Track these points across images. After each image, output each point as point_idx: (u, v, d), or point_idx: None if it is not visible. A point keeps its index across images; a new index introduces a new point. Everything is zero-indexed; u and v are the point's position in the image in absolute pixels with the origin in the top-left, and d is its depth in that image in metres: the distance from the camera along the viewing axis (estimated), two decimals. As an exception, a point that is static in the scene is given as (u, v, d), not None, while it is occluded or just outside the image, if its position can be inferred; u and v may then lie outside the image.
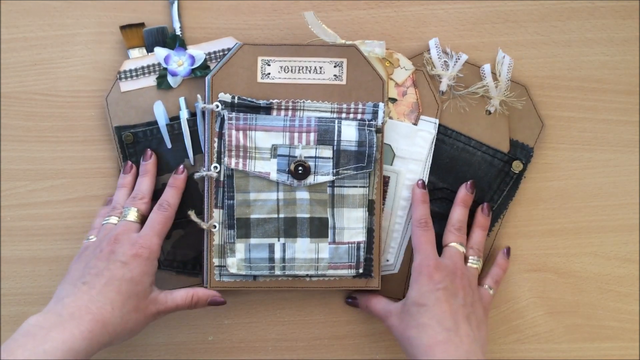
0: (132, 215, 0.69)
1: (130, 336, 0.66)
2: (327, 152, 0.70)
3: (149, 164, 0.73)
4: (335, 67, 0.71)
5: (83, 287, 0.65)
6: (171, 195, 0.71)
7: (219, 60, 0.73)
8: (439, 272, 0.68)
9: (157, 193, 0.73)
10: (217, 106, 0.70)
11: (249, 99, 0.70)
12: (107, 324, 0.63)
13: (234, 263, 0.71)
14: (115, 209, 0.71)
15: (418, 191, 0.73)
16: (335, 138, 0.70)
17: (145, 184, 0.72)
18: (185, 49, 0.73)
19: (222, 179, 0.71)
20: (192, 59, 0.73)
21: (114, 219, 0.70)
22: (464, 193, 0.74)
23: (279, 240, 0.71)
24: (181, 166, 0.72)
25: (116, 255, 0.66)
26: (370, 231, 0.72)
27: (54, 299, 0.65)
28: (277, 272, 0.71)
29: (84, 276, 0.65)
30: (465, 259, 0.72)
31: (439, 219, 0.75)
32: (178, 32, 0.74)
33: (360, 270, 0.72)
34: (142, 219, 0.70)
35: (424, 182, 0.74)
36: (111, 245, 0.67)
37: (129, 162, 0.73)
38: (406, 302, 0.69)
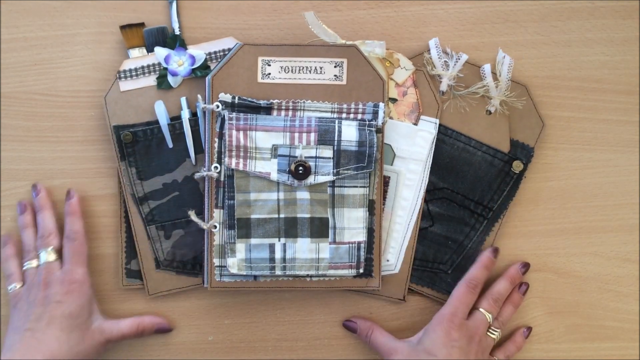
0: (49, 255, 0.72)
1: None
2: (327, 152, 0.70)
3: (41, 198, 0.74)
4: (335, 67, 0.71)
5: (27, 333, 0.69)
6: (74, 222, 0.73)
7: (219, 60, 0.73)
8: (458, 332, 0.70)
9: (159, 192, 0.73)
10: (218, 106, 0.70)
11: (249, 99, 0.70)
12: (58, 359, 0.68)
13: (234, 263, 0.71)
14: (29, 252, 0.73)
15: (486, 255, 0.75)
16: (336, 138, 0.70)
17: (47, 218, 0.74)
18: (186, 48, 0.73)
19: (222, 179, 0.71)
20: (193, 58, 0.73)
21: (34, 262, 0.73)
22: (516, 271, 0.76)
23: (279, 240, 0.70)
24: (71, 191, 0.74)
25: (50, 298, 0.70)
26: (370, 231, 0.72)
27: (4, 349, 0.69)
28: (278, 272, 0.71)
29: (25, 324, 0.69)
30: (488, 327, 0.73)
31: (440, 219, 0.76)
32: (177, 32, 0.74)
33: (361, 270, 0.72)
34: (59, 253, 0.73)
35: (497, 250, 0.76)
36: (43, 292, 0.71)
37: (23, 202, 0.75)
38: (417, 346, 0.71)
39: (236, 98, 0.70)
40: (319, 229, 0.70)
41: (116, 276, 0.76)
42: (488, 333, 0.73)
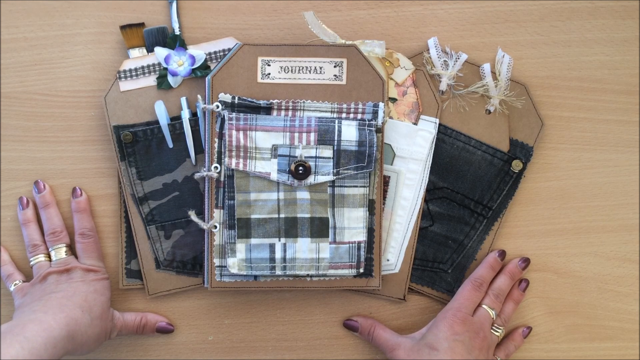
0: (62, 252, 0.73)
1: (95, 345, 0.69)
2: (327, 152, 0.70)
3: (46, 195, 0.74)
4: (335, 67, 0.71)
5: (52, 295, 0.68)
6: (85, 220, 0.74)
7: (219, 60, 0.73)
8: (461, 325, 0.70)
9: (159, 192, 0.74)
10: (218, 106, 0.70)
11: (249, 99, 0.70)
12: (79, 323, 0.66)
13: (234, 263, 0.71)
14: (36, 246, 0.73)
15: (493, 256, 0.76)
16: (336, 138, 0.70)
17: (55, 215, 0.74)
18: (186, 48, 0.73)
19: (222, 179, 0.71)
20: (193, 59, 0.73)
21: (42, 257, 0.73)
22: (515, 266, 0.76)
23: (279, 240, 0.70)
24: (77, 188, 0.74)
25: (75, 278, 0.71)
26: (370, 231, 0.72)
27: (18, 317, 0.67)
28: (278, 272, 0.71)
29: (49, 293, 0.69)
30: (492, 323, 0.74)
31: (440, 219, 0.76)
32: (177, 32, 0.74)
33: (361, 270, 0.72)
34: (72, 251, 0.74)
35: (504, 253, 0.76)
36: (65, 274, 0.71)
37: (24, 198, 0.74)
38: (420, 341, 0.71)
39: (236, 98, 0.70)
40: (319, 228, 0.70)
41: (116, 276, 0.76)
42: (492, 330, 0.73)
